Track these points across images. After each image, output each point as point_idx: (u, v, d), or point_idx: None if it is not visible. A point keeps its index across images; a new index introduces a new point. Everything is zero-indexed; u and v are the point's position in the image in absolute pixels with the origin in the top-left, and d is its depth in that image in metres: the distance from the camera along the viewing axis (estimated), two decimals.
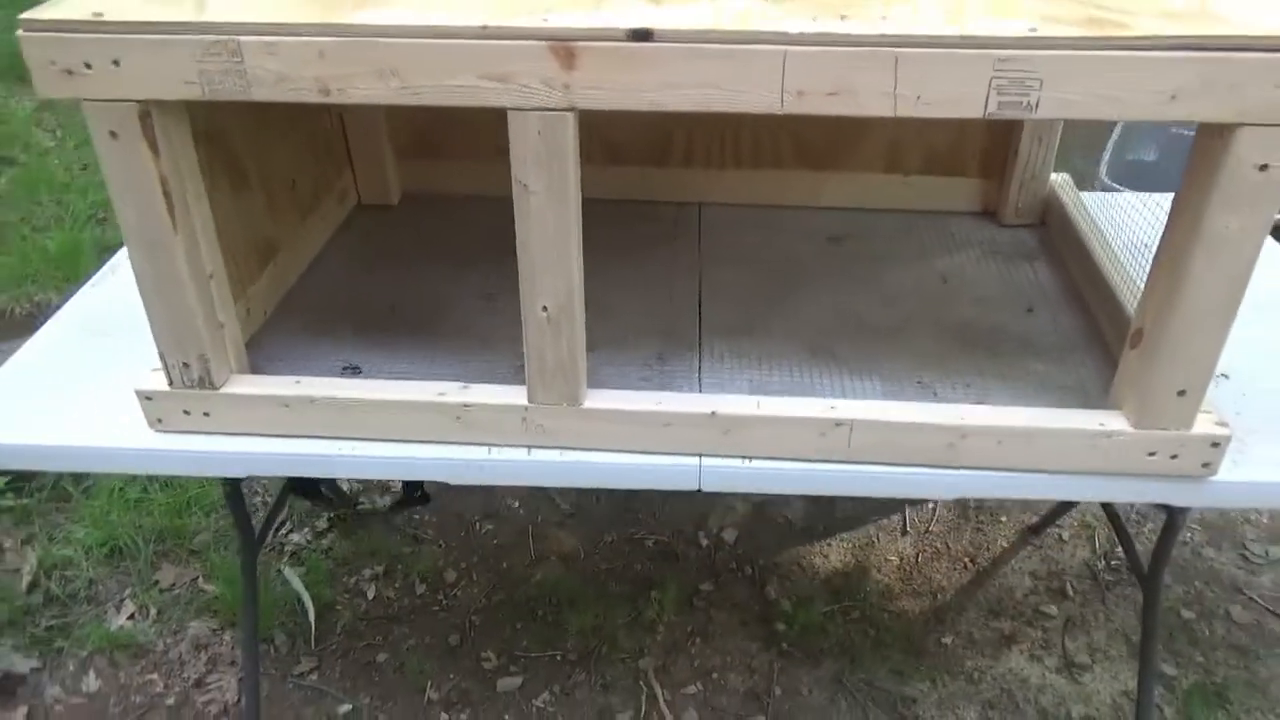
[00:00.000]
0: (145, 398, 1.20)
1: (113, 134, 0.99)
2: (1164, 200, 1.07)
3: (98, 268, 1.61)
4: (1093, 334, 1.36)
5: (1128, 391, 1.12)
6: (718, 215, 1.67)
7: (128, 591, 1.99)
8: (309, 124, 1.51)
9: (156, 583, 2.01)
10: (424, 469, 1.21)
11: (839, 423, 1.13)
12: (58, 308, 1.50)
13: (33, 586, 1.98)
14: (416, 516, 2.18)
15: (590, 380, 1.17)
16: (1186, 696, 1.77)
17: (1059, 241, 1.57)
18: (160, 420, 1.22)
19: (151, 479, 2.16)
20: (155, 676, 1.86)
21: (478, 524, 2.17)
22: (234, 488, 1.53)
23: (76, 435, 1.23)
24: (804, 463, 1.16)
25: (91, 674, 1.85)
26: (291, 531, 2.14)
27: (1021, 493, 1.17)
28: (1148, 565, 1.51)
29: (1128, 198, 1.76)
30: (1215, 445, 1.10)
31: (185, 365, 1.16)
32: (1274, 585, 1.99)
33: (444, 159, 1.70)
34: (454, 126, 1.67)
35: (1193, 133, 1.00)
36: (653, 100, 0.93)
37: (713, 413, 1.14)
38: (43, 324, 1.47)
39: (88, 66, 0.95)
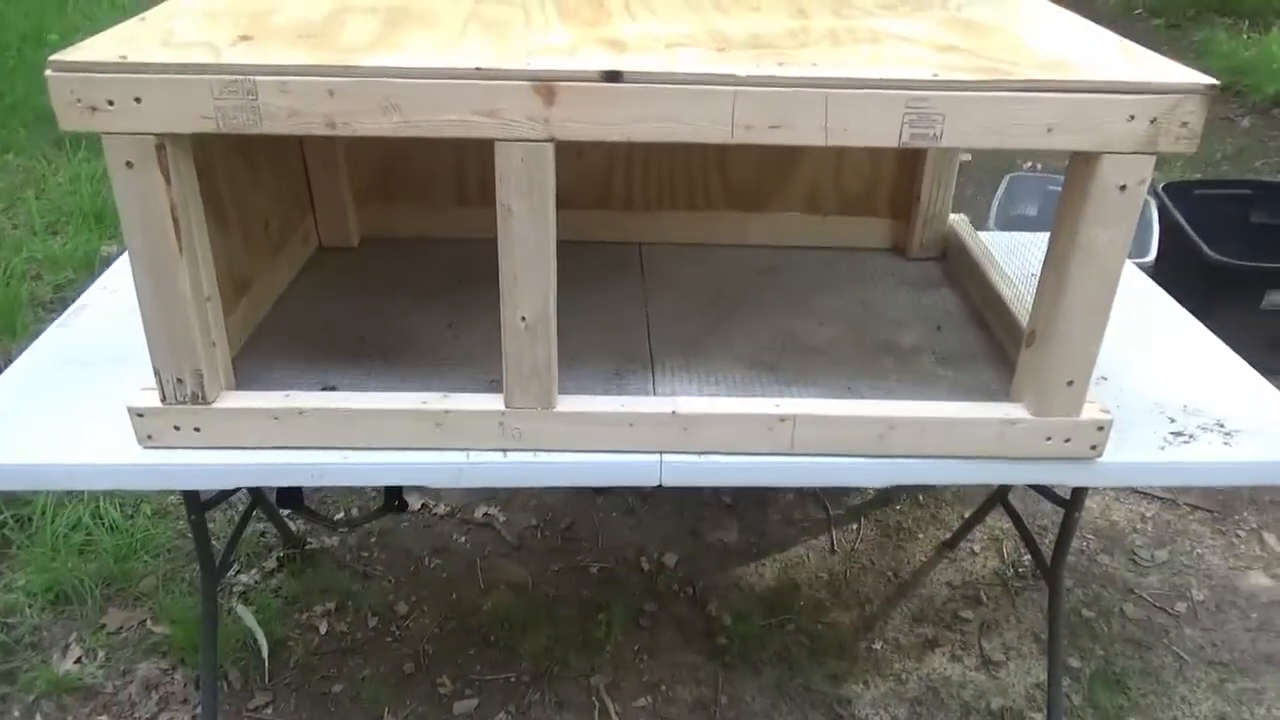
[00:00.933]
0: (137, 414, 1.27)
1: (129, 164, 1.09)
2: (1044, 238, 1.27)
3: (37, 320, 1.65)
4: (993, 346, 1.55)
5: (1026, 386, 1.30)
6: (656, 253, 1.83)
7: (74, 636, 1.99)
8: (281, 170, 1.62)
9: (104, 626, 2.01)
10: (407, 474, 1.30)
11: (784, 418, 1.28)
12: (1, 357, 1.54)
13: None
14: (365, 554, 2.23)
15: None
16: (1090, 684, 1.95)
17: (959, 271, 1.77)
18: (150, 437, 1.28)
19: (98, 521, 2.16)
20: (105, 718, 1.85)
21: (426, 559, 2.23)
22: (200, 514, 1.59)
23: (69, 454, 1.29)
24: (754, 456, 1.30)
25: (38, 718, 1.84)
26: (240, 572, 2.16)
27: (942, 478, 1.33)
28: (1050, 560, 1.70)
29: (1016, 236, 2.00)
30: (1100, 429, 1.29)
31: (179, 381, 1.24)
32: (1161, 584, 2.21)
33: (400, 204, 1.82)
34: (410, 173, 1.80)
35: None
36: (622, 132, 1.08)
37: (673, 412, 1.27)
38: None
39: (110, 103, 1.06)
